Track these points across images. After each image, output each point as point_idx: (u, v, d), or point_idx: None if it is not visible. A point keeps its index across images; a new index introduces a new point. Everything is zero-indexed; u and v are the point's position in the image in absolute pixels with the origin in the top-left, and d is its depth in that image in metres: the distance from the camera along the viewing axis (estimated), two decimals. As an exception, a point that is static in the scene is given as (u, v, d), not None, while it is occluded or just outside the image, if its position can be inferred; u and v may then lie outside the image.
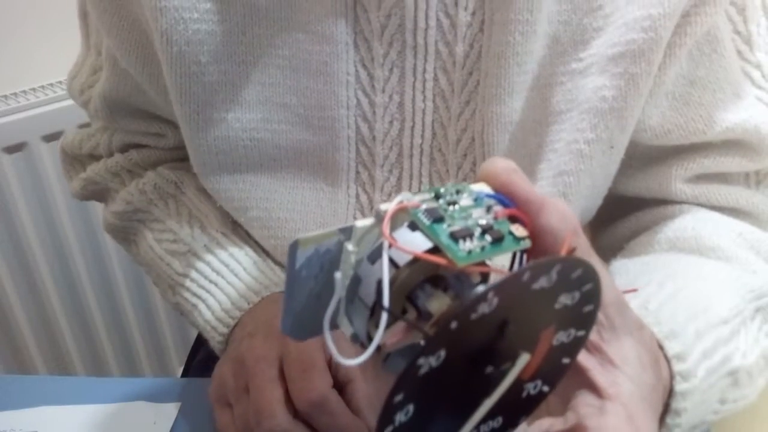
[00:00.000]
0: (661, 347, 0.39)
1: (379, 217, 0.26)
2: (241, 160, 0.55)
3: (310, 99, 0.52)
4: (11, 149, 1.08)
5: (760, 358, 0.46)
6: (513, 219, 0.27)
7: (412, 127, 0.53)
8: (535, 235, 0.28)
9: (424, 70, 0.51)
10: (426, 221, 0.25)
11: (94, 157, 0.68)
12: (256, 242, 0.61)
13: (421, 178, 0.55)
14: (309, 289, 0.26)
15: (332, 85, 0.51)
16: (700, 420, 0.43)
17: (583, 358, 0.31)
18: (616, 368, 0.31)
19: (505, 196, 0.28)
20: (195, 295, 0.58)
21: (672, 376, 0.38)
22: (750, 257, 0.52)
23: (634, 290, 0.43)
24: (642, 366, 0.32)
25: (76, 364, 1.27)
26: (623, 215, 0.61)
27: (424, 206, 0.26)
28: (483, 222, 0.26)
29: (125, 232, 0.68)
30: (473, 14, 0.49)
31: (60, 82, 1.14)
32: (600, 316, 0.31)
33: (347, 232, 0.27)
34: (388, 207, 0.25)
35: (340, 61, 0.50)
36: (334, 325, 0.27)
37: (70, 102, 1.10)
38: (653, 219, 0.58)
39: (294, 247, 0.25)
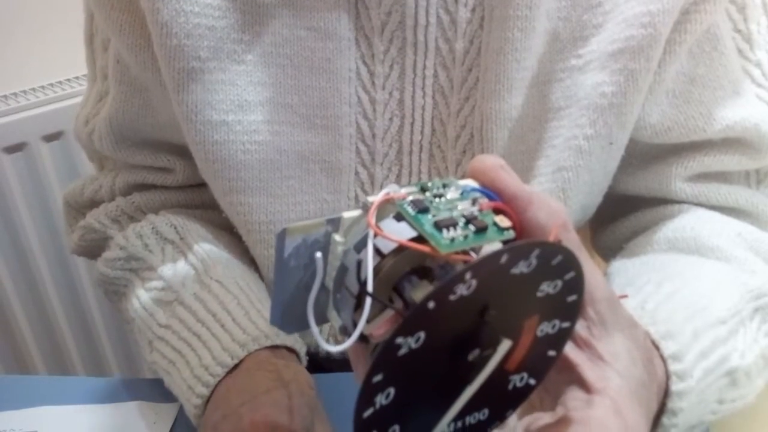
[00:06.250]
0: (657, 347, 0.39)
1: (366, 208, 0.26)
2: (239, 168, 0.52)
3: (313, 98, 0.51)
4: (11, 149, 1.07)
5: (759, 358, 0.46)
6: (498, 212, 0.27)
7: (412, 124, 0.53)
8: (523, 229, 0.28)
9: (424, 67, 0.51)
10: (411, 211, 0.25)
11: (95, 203, 0.63)
12: (258, 287, 0.56)
13: (420, 174, 0.55)
14: (298, 280, 0.26)
15: (335, 82, 0.51)
16: (698, 420, 0.43)
17: (573, 353, 0.31)
18: (605, 364, 0.31)
19: (492, 192, 0.28)
20: (174, 349, 0.51)
21: (668, 376, 0.38)
22: (749, 257, 0.52)
23: (625, 296, 0.43)
24: (632, 361, 0.32)
25: (76, 364, 1.27)
26: (623, 215, 0.61)
27: (410, 198, 0.26)
28: (467, 213, 0.26)
29: (116, 284, 0.60)
30: (473, 11, 0.49)
31: (60, 82, 1.14)
32: (590, 312, 0.31)
33: (335, 222, 0.27)
34: (375, 198, 0.26)
35: (342, 58, 0.50)
36: (323, 319, 0.27)
37: (70, 102, 1.10)
38: (653, 219, 0.58)
39: (282, 235, 0.25)
